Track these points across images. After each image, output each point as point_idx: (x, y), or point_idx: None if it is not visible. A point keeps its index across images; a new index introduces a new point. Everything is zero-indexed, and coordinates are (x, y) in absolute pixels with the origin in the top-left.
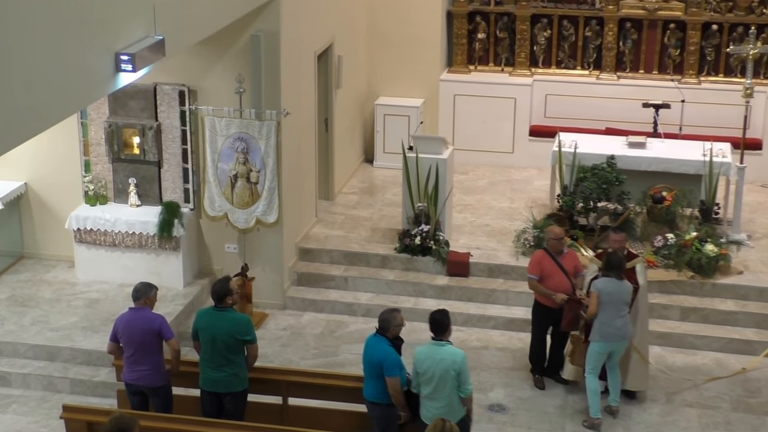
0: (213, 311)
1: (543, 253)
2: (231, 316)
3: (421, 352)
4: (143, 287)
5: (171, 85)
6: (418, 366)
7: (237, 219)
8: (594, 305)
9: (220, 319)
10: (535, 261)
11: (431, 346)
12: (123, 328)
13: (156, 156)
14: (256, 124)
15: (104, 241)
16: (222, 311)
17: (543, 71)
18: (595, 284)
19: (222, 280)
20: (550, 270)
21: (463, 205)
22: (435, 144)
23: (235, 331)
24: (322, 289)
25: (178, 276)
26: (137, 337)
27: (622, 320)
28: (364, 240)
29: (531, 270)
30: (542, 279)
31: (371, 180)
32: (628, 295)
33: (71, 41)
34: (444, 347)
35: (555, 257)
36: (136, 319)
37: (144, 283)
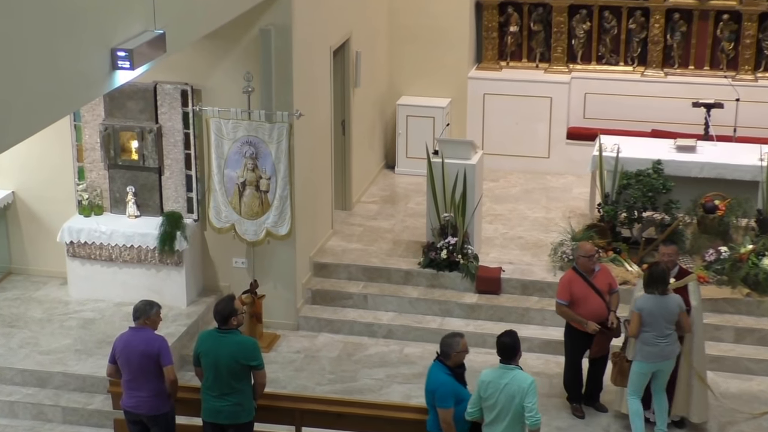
0: (216, 334)
1: (572, 274)
2: (235, 339)
3: (487, 375)
4: (142, 306)
5: (173, 84)
6: (481, 390)
7: (245, 231)
8: (635, 327)
9: (223, 343)
10: (564, 283)
11: (498, 370)
12: (121, 349)
13: (156, 162)
14: (266, 127)
15: (99, 256)
16: (226, 334)
17: (582, 67)
18: (636, 302)
19: (226, 299)
20: (581, 292)
21: (493, 215)
22: (462, 148)
23: (240, 355)
24: (339, 307)
25: (180, 294)
26: (135, 359)
27: (667, 339)
28: (384, 254)
29: (560, 294)
30: (573, 303)
31: (392, 188)
32: (673, 312)
33: (63, 36)
34: (512, 372)
35: (586, 277)
36: (135, 339)
37: (144, 302)
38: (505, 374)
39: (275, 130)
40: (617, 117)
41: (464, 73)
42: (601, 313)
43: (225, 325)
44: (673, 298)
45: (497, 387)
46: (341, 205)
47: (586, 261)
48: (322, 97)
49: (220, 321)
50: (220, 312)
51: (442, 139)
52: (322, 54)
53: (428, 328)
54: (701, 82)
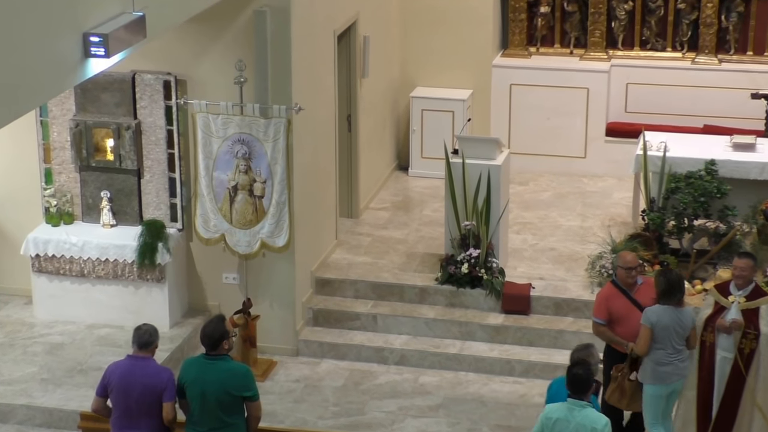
0: (203, 360)
1: (611, 289)
2: (226, 366)
3: (554, 411)
4: (153, 330)
5: (154, 73)
6: (546, 428)
7: (237, 242)
8: (644, 345)
9: (211, 370)
10: (601, 300)
11: (567, 405)
12: (119, 380)
13: (135, 163)
14: (261, 123)
15: (70, 271)
16: (215, 360)
17: (623, 54)
18: (648, 316)
19: (215, 320)
20: (621, 310)
21: (521, 223)
22: (486, 146)
23: (231, 384)
24: (345, 330)
25: (162, 314)
26: (136, 393)
27: (680, 356)
28: (397, 268)
29: (596, 312)
30: (612, 322)
31: (406, 192)
32: (687, 327)
33: (28, 19)
34: (584, 410)
35: (627, 292)
36: (138, 370)
37: (151, 326)
38: (577, 412)
39: (271, 126)
40: (664, 110)
41: (488, 61)
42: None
43: (214, 350)
44: (688, 312)
45: (567, 424)
46: (347, 213)
47: (626, 274)
48: (325, 89)
49: (209, 346)
50: (209, 335)
51: (462, 137)
52: (325, 39)
53: (447, 353)
54: (761, 70)
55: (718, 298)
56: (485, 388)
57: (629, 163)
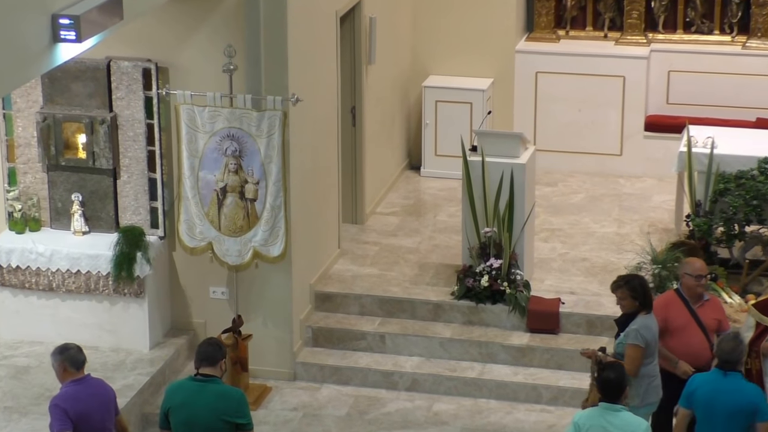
0: (192, 383)
1: (672, 296)
2: (217, 390)
3: (584, 418)
4: (80, 349)
5: (132, 60)
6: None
7: (226, 251)
8: (635, 365)
9: (201, 394)
10: (660, 305)
11: (600, 410)
12: (82, 406)
13: (110, 162)
14: (254, 117)
15: (36, 284)
16: (204, 383)
17: (664, 37)
18: (643, 334)
19: (212, 341)
20: (680, 320)
21: (549, 230)
22: (509, 143)
23: (223, 410)
24: (349, 351)
25: (141, 334)
26: (98, 414)
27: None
28: (408, 281)
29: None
30: (666, 333)
31: (418, 195)
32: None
33: None
34: (619, 414)
35: (689, 303)
36: (91, 390)
37: (76, 345)
38: (612, 417)
39: (265, 120)
40: (711, 102)
41: (510, 46)
42: (700, 354)
43: (211, 368)
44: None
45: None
46: (351, 218)
47: (693, 282)
48: (326, 78)
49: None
50: (212, 355)
51: (481, 132)
52: (326, 21)
53: (464, 377)
54: None
55: (759, 318)
56: (508, 417)
57: (671, 162)
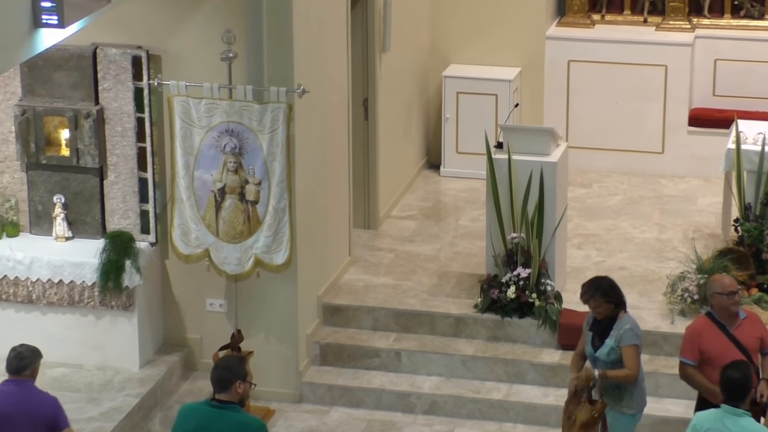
0: (208, 409)
1: (705, 322)
2: (235, 419)
3: (704, 420)
4: (29, 352)
5: (120, 47)
6: None
7: (225, 259)
8: (637, 365)
9: (218, 422)
10: (692, 335)
11: (721, 413)
12: (8, 409)
13: (96, 160)
14: (255, 110)
15: (14, 296)
16: (222, 409)
17: (710, 23)
18: (636, 332)
19: (221, 364)
20: (716, 349)
21: (583, 235)
22: (538, 139)
23: None
24: (361, 369)
25: (130, 350)
26: (24, 423)
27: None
28: (426, 292)
29: (684, 351)
30: (704, 363)
31: (437, 196)
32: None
33: None
34: (740, 420)
35: (725, 327)
36: (20, 396)
37: (28, 347)
38: (734, 421)
39: (268, 113)
40: (762, 94)
41: (540, 32)
42: None
43: (225, 393)
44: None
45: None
46: (363, 222)
47: (724, 301)
48: (335, 67)
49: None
50: (228, 369)
51: (508, 126)
52: (336, 4)
53: (489, 399)
54: None
55: None
56: None
57: (718, 160)
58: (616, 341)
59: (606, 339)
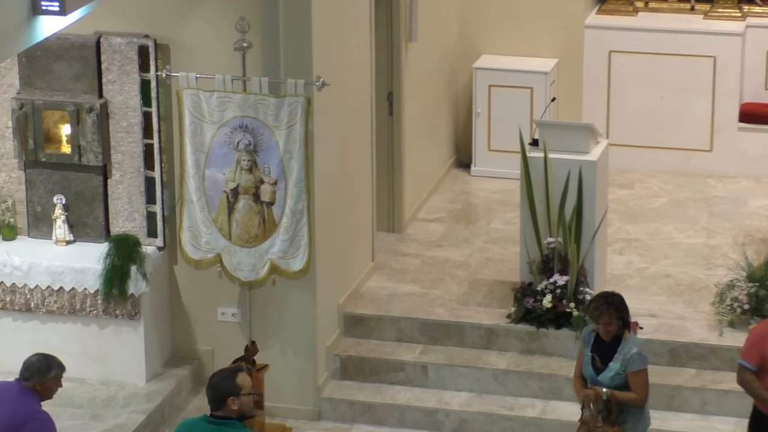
0: (206, 425)
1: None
2: None
3: None
4: (38, 363)
5: (126, 36)
6: None
7: (238, 264)
8: (647, 390)
9: None
10: (756, 338)
11: None
12: None
13: (100, 157)
14: (271, 104)
15: (11, 304)
16: (220, 426)
17: (762, 10)
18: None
19: (229, 371)
20: None
21: (625, 240)
22: (577, 135)
23: None
24: (384, 384)
25: (137, 363)
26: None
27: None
28: (455, 301)
29: (745, 353)
30: (764, 370)
31: (467, 198)
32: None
33: None
34: None
35: None
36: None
37: (41, 356)
38: None
39: (285, 108)
40: None
41: (579, 20)
42: None
43: (220, 410)
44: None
45: None
46: (387, 226)
47: None
48: (357, 58)
49: (214, 403)
50: (214, 387)
51: (544, 122)
52: None
53: (523, 417)
54: None
55: None
56: None
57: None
58: (623, 366)
59: (610, 362)
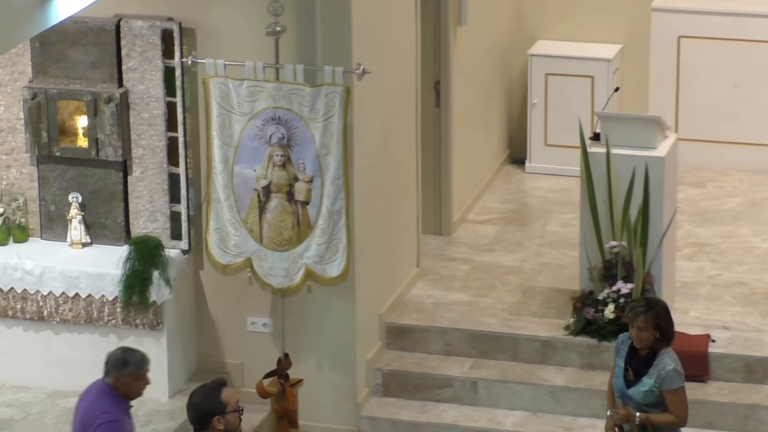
0: None
1: None
2: None
3: None
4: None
5: (148, 19)
6: None
7: (270, 270)
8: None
9: None
10: None
11: None
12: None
13: (119, 152)
14: (307, 94)
15: (22, 312)
16: None
17: None
18: (677, 369)
19: (209, 387)
20: None
21: (696, 244)
22: (643, 129)
23: None
24: (430, 402)
25: (159, 377)
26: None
27: None
28: (508, 311)
29: None
30: None
31: (522, 197)
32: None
33: None
34: None
35: None
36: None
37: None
38: None
39: (321, 98)
40: None
41: (645, 2)
42: None
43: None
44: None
45: None
46: (433, 228)
47: None
48: (401, 43)
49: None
50: (196, 407)
51: (606, 115)
52: None
53: None
54: None
55: None
56: None
57: None
58: (657, 382)
59: (644, 377)
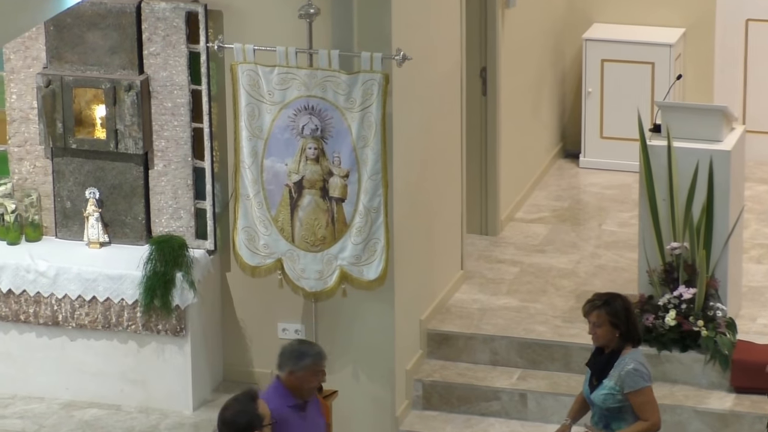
0: None
1: None
2: None
3: None
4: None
5: (171, 1)
6: None
7: (302, 272)
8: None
9: None
10: None
11: None
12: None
13: (140, 144)
14: (342, 82)
15: (35, 317)
16: None
17: None
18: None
19: (241, 400)
20: None
21: (765, 246)
22: (707, 120)
23: None
24: (475, 416)
25: (182, 387)
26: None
27: None
28: (560, 318)
29: None
30: None
31: (576, 193)
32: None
33: None
34: None
35: None
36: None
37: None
38: None
39: (358, 86)
40: None
41: None
42: None
43: None
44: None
45: None
46: (479, 227)
47: None
48: (445, 27)
49: None
50: (229, 422)
51: (667, 104)
52: None
53: None
54: None
55: None
56: None
57: None
58: (618, 384)
59: (604, 379)
